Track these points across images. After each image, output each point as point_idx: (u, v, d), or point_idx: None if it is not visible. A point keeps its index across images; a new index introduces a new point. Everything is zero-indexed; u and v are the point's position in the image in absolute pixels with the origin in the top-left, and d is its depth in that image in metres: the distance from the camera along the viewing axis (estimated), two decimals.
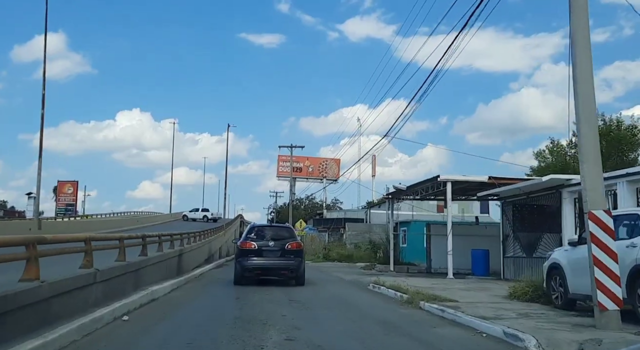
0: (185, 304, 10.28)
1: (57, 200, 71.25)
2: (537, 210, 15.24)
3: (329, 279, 17.96)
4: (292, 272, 13.74)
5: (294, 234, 15.07)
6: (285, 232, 14.86)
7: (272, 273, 13.96)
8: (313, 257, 34.08)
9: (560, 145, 33.64)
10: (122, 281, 9.33)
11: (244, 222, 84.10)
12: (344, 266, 27.73)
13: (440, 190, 18.61)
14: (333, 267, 26.92)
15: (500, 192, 16.63)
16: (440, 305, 9.11)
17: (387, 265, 24.58)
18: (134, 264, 10.16)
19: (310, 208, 79.37)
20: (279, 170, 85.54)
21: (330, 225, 52.99)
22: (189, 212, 62.52)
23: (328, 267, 26.88)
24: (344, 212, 55.52)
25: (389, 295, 11.85)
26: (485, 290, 12.20)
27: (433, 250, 24.20)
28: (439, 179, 17.46)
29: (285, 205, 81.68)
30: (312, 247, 36.95)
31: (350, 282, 16.52)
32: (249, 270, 13.56)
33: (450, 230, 18.17)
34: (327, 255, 31.82)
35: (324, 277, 19.33)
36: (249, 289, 12.67)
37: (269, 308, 9.52)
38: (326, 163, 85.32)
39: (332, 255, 31.67)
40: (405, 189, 20.72)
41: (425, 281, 15.86)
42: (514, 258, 16.77)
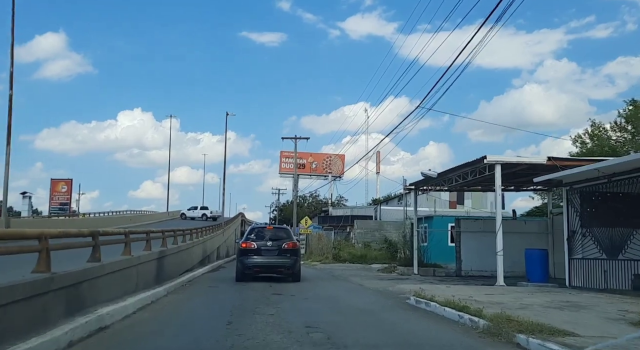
0: (148, 336, 6.65)
1: (51, 199, 67.80)
2: (624, 199, 11.54)
3: (348, 288, 14.26)
4: (288, 270, 14.74)
5: (291, 235, 15.95)
6: (283, 232, 15.65)
7: (270, 270, 14.81)
8: (321, 257, 30.40)
9: (602, 128, 29.75)
10: (40, 304, 5.71)
11: (246, 221, 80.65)
12: (358, 268, 24.05)
13: (483, 176, 14.92)
14: (346, 269, 23.26)
15: (566, 176, 12.93)
16: (559, 345, 5.42)
17: (410, 267, 20.90)
18: (67, 276, 6.51)
19: (314, 206, 75.71)
20: (281, 167, 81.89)
21: (336, 223, 49.38)
22: (187, 211, 58.99)
23: (340, 269, 23.22)
24: (350, 209, 51.85)
25: (449, 318, 8.13)
26: (584, 309, 8.48)
27: (464, 249, 20.55)
28: (485, 160, 13.77)
29: (289, 202, 78.08)
30: (319, 247, 33.27)
31: (378, 293, 12.83)
32: (249, 268, 14.56)
33: (500, 225, 14.50)
34: (337, 256, 28.17)
35: (342, 285, 15.61)
36: (246, 308, 9.05)
37: (275, 344, 5.92)
38: (330, 159, 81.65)
39: (343, 255, 28.02)
40: (436, 177, 17.07)
41: (473, 291, 12.20)
42: (584, 260, 13.06)
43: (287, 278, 14.73)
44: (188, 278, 15.50)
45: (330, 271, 22.32)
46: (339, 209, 55.54)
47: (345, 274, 20.64)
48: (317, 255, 31.86)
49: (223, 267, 25.59)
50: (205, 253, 23.62)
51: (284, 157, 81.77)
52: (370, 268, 24.03)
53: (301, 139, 41.44)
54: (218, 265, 25.06)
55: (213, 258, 28.04)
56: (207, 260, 25.11)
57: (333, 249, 29.38)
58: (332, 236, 43.07)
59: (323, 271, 22.71)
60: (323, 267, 25.63)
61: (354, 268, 24.28)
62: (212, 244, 26.91)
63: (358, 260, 27.08)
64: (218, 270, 22.58)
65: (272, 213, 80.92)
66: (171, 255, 13.96)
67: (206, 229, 25.06)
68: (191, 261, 18.73)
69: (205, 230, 24.83)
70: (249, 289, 12.48)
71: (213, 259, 27.88)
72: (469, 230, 20.73)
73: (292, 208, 73.33)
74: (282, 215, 74.41)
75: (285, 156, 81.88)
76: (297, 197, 47.94)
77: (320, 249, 32.96)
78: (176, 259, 15.01)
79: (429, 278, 18.75)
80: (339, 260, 27.67)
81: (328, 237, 33.86)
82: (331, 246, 30.40)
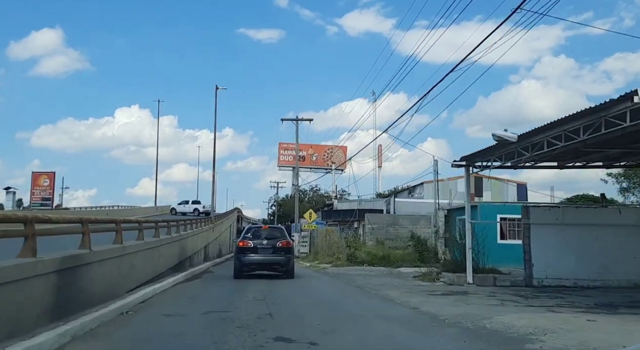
0: None
1: (32, 193, 61.69)
2: None
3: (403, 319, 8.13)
4: (282, 267, 15.47)
5: (285, 234, 16.42)
6: (277, 232, 16.54)
7: (266, 267, 15.57)
8: (330, 258, 24.42)
9: None
10: None
11: (243, 218, 74.63)
12: (384, 274, 18.13)
13: (613, 131, 8.89)
14: (370, 275, 17.34)
15: None
16: None
17: (460, 274, 14.86)
18: None
19: (315, 200, 69.68)
20: (279, 160, 75.86)
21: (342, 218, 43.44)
22: (177, 205, 53.02)
23: (362, 275, 17.29)
24: (357, 203, 45.84)
25: None
26: None
27: (536, 249, 14.59)
28: (636, 99, 7.81)
29: (288, 197, 72.14)
30: (327, 245, 27.28)
31: (475, 338, 6.78)
32: (246, 265, 15.37)
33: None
34: (353, 257, 22.15)
35: (384, 308, 9.50)
36: None
37: None
38: (331, 151, 75.72)
39: (360, 256, 22.01)
40: (516, 140, 11.06)
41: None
42: None
43: (282, 275, 15.48)
44: (142, 295, 9.63)
45: (349, 278, 16.37)
46: (344, 202, 49.53)
47: (372, 283, 14.69)
48: (325, 256, 25.90)
49: (208, 271, 19.67)
50: (183, 254, 17.64)
51: (283, 149, 75.81)
52: (400, 274, 18.07)
53: (303, 120, 35.50)
54: (201, 271, 19.13)
55: (197, 260, 22.07)
56: (188, 263, 19.16)
57: (347, 248, 23.35)
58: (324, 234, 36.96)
59: (339, 278, 16.76)
60: (336, 271, 19.69)
61: (378, 273, 18.33)
62: (195, 243, 20.92)
63: (379, 262, 21.14)
64: (200, 277, 16.67)
65: (271, 208, 74.82)
66: (97, 265, 7.98)
67: (185, 223, 19.05)
68: (154, 268, 12.75)
69: (185, 224, 18.83)
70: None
71: (197, 262, 21.92)
72: (543, 221, 14.79)
73: (291, 203, 67.28)
74: (281, 210, 68.38)
75: (284, 148, 75.93)
76: (298, 188, 41.84)
77: (328, 247, 26.98)
78: (114, 269, 9.04)
79: (495, 291, 12.85)
80: (355, 262, 21.71)
81: (340, 233, 27.82)
82: (344, 244, 24.40)
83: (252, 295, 10.97)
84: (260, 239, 15.61)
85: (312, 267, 22.53)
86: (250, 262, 15.30)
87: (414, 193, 48.95)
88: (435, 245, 21.42)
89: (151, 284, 11.42)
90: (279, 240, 15.62)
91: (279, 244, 15.40)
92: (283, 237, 15.94)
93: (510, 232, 20.28)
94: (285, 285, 13.53)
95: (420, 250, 21.08)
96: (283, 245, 15.48)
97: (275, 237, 15.73)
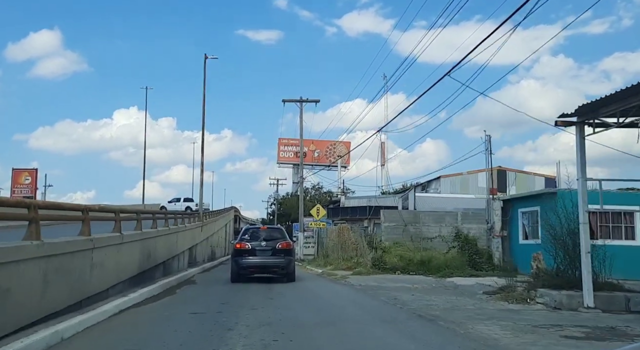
0: None
1: (13, 192, 56.18)
2: None
3: None
4: (282, 269, 14.33)
5: (285, 235, 15.36)
6: (277, 233, 15.44)
7: (265, 270, 14.42)
8: (349, 263, 18.91)
9: None
10: None
11: (241, 219, 69.05)
12: (435, 287, 12.62)
13: None
14: (416, 290, 11.84)
15: None
16: None
17: (570, 291, 9.34)
18: None
19: (317, 199, 64.14)
20: (279, 156, 70.37)
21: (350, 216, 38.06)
22: (167, 203, 47.25)
23: (405, 291, 11.77)
24: (367, 199, 40.36)
25: None
26: None
27: None
28: None
29: (289, 195, 66.64)
30: (341, 246, 21.82)
31: None
32: (244, 268, 14.19)
33: None
34: (380, 261, 16.53)
35: None
36: None
37: None
38: (334, 147, 70.29)
39: (390, 260, 16.41)
40: None
41: None
42: None
43: (282, 278, 14.22)
44: None
45: (388, 295, 10.84)
46: (353, 199, 44.05)
47: (432, 305, 9.21)
48: (339, 260, 20.44)
49: (190, 282, 14.32)
50: (149, 260, 12.14)
51: (283, 145, 70.42)
52: (456, 287, 12.54)
53: (309, 101, 29.98)
54: (180, 281, 13.71)
55: (179, 265, 16.61)
56: (161, 271, 13.72)
57: (372, 251, 17.74)
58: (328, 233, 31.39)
59: (374, 295, 11.22)
60: (362, 281, 14.19)
61: (425, 286, 12.80)
62: (172, 244, 15.40)
63: (417, 269, 15.68)
64: (174, 292, 11.32)
65: (271, 207, 69.19)
66: None
67: (153, 217, 13.47)
68: (67, 289, 7.27)
69: (154, 219, 13.29)
70: None
71: (179, 267, 16.48)
72: None
73: (292, 201, 61.70)
74: (281, 209, 62.83)
75: (284, 144, 70.50)
76: (302, 179, 36.30)
77: (342, 249, 21.49)
78: None
79: None
80: (384, 269, 16.14)
81: (362, 231, 22.24)
82: (364, 245, 18.85)
83: None
84: (258, 240, 14.59)
85: (326, 275, 17.06)
86: (248, 265, 14.22)
87: (428, 189, 43.47)
88: (489, 246, 15.96)
89: (59, 319, 5.98)
90: (279, 241, 14.59)
91: (279, 246, 14.39)
92: (283, 238, 14.89)
93: (606, 229, 14.76)
94: (308, 323, 8.02)
95: (470, 253, 15.61)
96: (283, 246, 14.45)
97: (275, 238, 14.73)
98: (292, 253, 15.18)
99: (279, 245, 14.40)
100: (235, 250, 14.65)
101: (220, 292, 12.03)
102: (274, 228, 17.16)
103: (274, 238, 14.76)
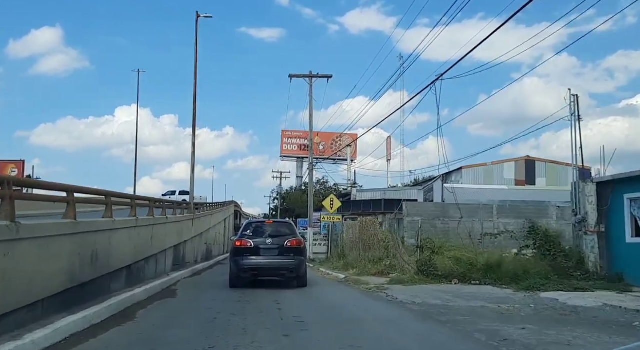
0: None
1: None
2: None
3: None
4: (291, 272, 11.81)
5: (295, 230, 12.91)
6: (285, 228, 12.97)
7: (270, 273, 12.03)
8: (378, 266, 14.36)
9: None
10: None
11: (242, 215, 64.45)
12: (537, 309, 8.07)
13: None
14: (510, 316, 7.33)
15: None
16: None
17: None
18: None
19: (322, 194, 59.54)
20: (282, 149, 65.77)
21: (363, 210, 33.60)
22: (162, 196, 43.12)
23: (494, 318, 7.25)
24: (382, 192, 35.86)
25: None
26: None
27: None
28: None
29: (292, 189, 62.13)
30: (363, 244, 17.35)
31: None
32: (245, 271, 11.71)
33: None
34: (429, 266, 11.76)
35: None
36: None
37: None
38: (340, 139, 65.80)
39: (443, 264, 11.68)
40: None
41: None
42: None
43: (291, 282, 11.74)
44: None
45: (493, 334, 6.25)
46: (365, 192, 39.51)
47: None
48: (362, 261, 15.96)
49: (168, 295, 9.96)
50: (98, 267, 7.69)
51: (286, 138, 65.92)
52: (573, 309, 7.95)
53: (319, 77, 25.44)
54: (150, 294, 9.32)
55: (157, 269, 12.14)
56: (124, 279, 9.27)
57: (419, 251, 13.01)
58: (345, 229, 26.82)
59: (459, 329, 6.62)
60: (411, 295, 9.55)
61: (518, 306, 8.20)
62: (142, 241, 10.82)
63: (483, 277, 11.10)
64: (131, 319, 6.97)
65: (273, 202, 64.62)
66: None
67: (106, 201, 8.85)
68: None
69: (107, 204, 8.73)
70: None
71: (156, 272, 12.07)
72: None
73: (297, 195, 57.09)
74: (284, 204, 58.30)
75: (288, 136, 66.00)
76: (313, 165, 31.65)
77: (365, 248, 17.01)
78: None
79: None
80: (434, 275, 11.50)
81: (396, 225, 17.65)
82: (399, 245, 14.29)
83: None
84: (263, 236, 12.24)
85: (352, 283, 12.60)
86: (250, 267, 11.79)
87: (448, 181, 39.02)
88: (580, 245, 11.43)
89: None
90: (288, 238, 12.18)
91: (288, 243, 12.01)
92: (292, 235, 12.49)
93: None
94: None
95: (553, 254, 11.06)
96: (293, 244, 12.07)
97: (283, 235, 12.39)
98: (304, 253, 12.48)
99: (287, 243, 11.93)
100: (235, 248, 12.22)
101: (207, 312, 7.68)
102: (282, 222, 14.35)
103: (281, 234, 12.32)
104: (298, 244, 12.12)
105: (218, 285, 12.48)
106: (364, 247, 17.43)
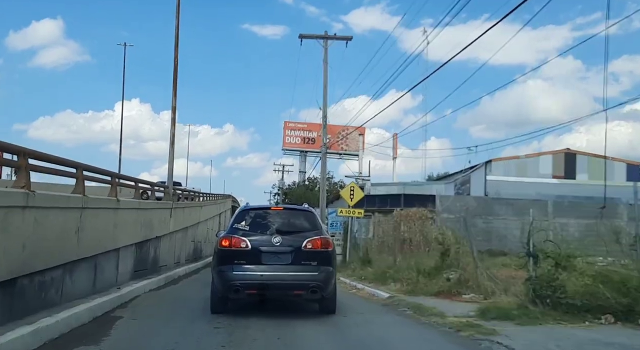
0: None
1: None
2: None
3: None
4: (314, 292, 6.96)
5: (318, 223, 7.57)
6: (303, 219, 7.56)
7: (279, 293, 7.20)
8: (439, 282, 9.34)
9: None
10: None
11: None
12: None
13: None
14: None
15: None
16: None
17: None
18: None
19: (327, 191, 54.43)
20: (285, 141, 60.57)
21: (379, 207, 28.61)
22: None
23: None
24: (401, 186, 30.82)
25: None
26: None
27: None
28: None
29: (295, 184, 57.12)
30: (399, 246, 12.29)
31: None
32: (237, 290, 6.86)
33: None
34: (552, 289, 6.64)
35: None
36: None
37: None
38: (347, 132, 60.90)
39: (575, 285, 6.71)
40: None
41: None
42: None
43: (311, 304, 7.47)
44: None
45: None
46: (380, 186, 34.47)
47: None
48: (406, 272, 10.87)
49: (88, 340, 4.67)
50: None
51: (289, 130, 60.86)
52: None
53: (336, 38, 20.28)
54: (56, 336, 4.25)
55: (106, 279, 7.13)
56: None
57: (530, 261, 7.68)
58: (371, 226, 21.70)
59: None
60: None
61: None
62: (43, 235, 5.90)
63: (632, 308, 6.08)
64: None
65: (274, 197, 59.56)
66: None
67: None
68: None
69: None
70: None
71: (106, 283, 7.08)
72: None
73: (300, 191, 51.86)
74: (287, 200, 53.16)
75: (290, 128, 60.89)
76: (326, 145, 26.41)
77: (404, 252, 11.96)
78: None
79: None
80: (558, 305, 6.54)
81: (467, 228, 12.50)
82: (472, 249, 9.30)
83: None
84: (266, 233, 7.13)
85: (411, 313, 7.68)
86: (246, 284, 6.81)
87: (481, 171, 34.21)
88: None
89: None
90: (308, 235, 7.05)
91: (308, 245, 6.94)
92: (315, 230, 7.24)
93: None
94: None
95: None
96: (316, 246, 6.98)
97: (300, 230, 7.23)
98: (333, 260, 7.44)
99: (307, 244, 7.06)
100: (221, 252, 7.21)
101: None
102: (298, 210, 8.29)
103: (297, 229, 7.35)
104: (325, 245, 7.18)
105: (193, 307, 7.65)
106: (402, 251, 12.40)
